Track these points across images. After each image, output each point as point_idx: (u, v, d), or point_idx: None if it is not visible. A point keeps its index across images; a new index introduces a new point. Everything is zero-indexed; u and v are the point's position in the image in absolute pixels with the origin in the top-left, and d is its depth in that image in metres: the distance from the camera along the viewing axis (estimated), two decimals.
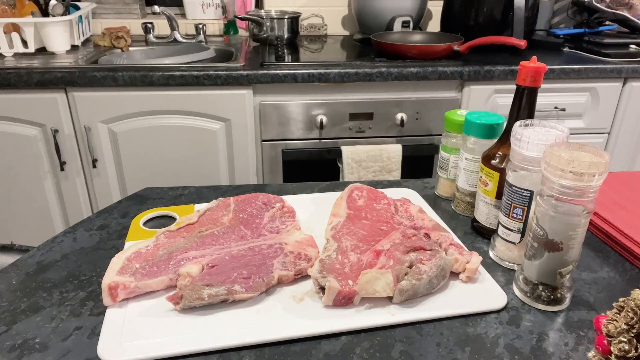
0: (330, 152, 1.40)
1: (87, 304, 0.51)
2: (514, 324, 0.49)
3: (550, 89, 1.46)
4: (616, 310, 0.41)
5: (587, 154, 0.46)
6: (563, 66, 1.43)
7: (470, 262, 0.54)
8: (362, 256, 0.55)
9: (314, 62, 0.79)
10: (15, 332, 0.47)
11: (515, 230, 0.56)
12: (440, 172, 0.75)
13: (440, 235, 0.59)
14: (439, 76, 1.38)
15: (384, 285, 0.50)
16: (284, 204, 0.67)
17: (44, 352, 0.45)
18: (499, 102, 1.45)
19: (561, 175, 0.45)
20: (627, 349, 0.39)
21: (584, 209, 0.47)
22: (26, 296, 0.52)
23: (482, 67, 1.39)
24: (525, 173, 0.53)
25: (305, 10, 1.84)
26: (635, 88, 1.49)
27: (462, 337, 0.47)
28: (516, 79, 0.57)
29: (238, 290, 0.50)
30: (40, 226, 1.49)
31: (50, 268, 0.57)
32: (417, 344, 0.46)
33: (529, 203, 0.54)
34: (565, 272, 0.50)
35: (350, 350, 0.45)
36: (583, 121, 1.52)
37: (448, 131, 0.72)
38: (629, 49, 1.57)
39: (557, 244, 0.48)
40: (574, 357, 0.45)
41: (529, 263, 0.51)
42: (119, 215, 0.69)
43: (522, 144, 0.52)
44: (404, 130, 1.43)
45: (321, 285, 0.50)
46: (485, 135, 0.64)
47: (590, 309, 0.51)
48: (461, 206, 0.70)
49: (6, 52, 1.48)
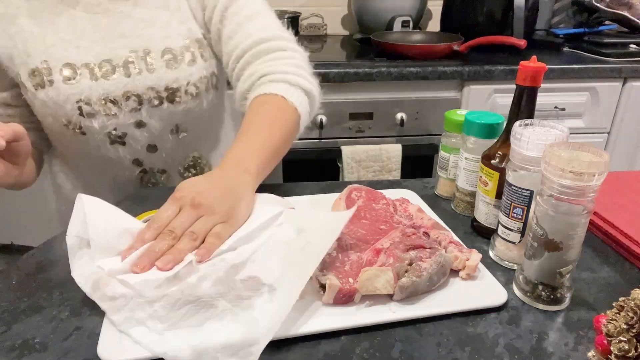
0: (330, 152, 1.40)
1: (87, 303, 0.51)
2: (513, 323, 0.49)
3: (550, 88, 1.46)
4: (616, 310, 0.41)
5: (586, 154, 0.46)
6: (563, 66, 1.43)
7: (470, 260, 0.54)
8: (362, 254, 0.55)
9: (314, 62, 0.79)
10: (15, 332, 0.47)
11: (515, 230, 0.56)
12: (440, 172, 0.75)
13: (440, 233, 0.60)
14: (439, 76, 1.38)
15: (385, 282, 0.50)
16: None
17: (44, 352, 0.45)
18: (499, 102, 1.45)
19: (561, 175, 0.45)
20: (627, 348, 0.39)
21: (584, 209, 0.47)
22: (26, 296, 0.52)
23: (482, 66, 1.39)
24: (525, 173, 0.53)
25: (305, 10, 1.84)
26: (635, 88, 1.49)
27: (462, 336, 0.47)
28: (516, 79, 0.57)
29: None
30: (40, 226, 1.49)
31: (50, 268, 0.57)
32: (417, 343, 0.46)
33: (528, 203, 0.54)
34: (565, 272, 0.50)
35: (350, 349, 0.45)
36: (583, 121, 1.52)
37: (448, 131, 0.72)
38: (629, 49, 1.57)
39: (557, 244, 0.48)
40: (574, 356, 0.45)
41: (528, 263, 0.51)
42: None
43: (522, 144, 0.52)
44: (404, 130, 1.43)
45: (321, 283, 0.50)
46: (485, 135, 0.64)
47: (590, 308, 0.51)
48: (461, 206, 0.70)
49: None
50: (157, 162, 0.85)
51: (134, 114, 0.78)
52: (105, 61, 0.76)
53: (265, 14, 0.82)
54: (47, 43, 0.74)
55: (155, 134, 0.81)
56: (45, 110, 0.76)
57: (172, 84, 0.78)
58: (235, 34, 0.80)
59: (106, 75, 0.75)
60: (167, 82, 0.78)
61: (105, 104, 0.75)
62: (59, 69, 0.74)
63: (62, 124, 0.76)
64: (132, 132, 0.79)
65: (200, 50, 0.81)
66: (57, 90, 0.74)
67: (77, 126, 0.76)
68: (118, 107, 0.76)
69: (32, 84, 0.74)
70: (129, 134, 0.79)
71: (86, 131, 0.77)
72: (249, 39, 0.79)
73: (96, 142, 0.79)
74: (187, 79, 0.79)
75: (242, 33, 0.80)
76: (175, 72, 0.78)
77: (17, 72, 0.75)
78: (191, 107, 0.82)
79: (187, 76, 0.79)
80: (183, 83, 0.79)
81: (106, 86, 0.75)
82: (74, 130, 0.77)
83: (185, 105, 0.81)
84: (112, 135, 0.78)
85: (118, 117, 0.77)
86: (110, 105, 0.76)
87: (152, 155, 0.83)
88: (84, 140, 0.78)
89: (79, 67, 0.74)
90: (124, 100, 0.76)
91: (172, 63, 0.78)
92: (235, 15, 0.80)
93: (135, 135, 0.80)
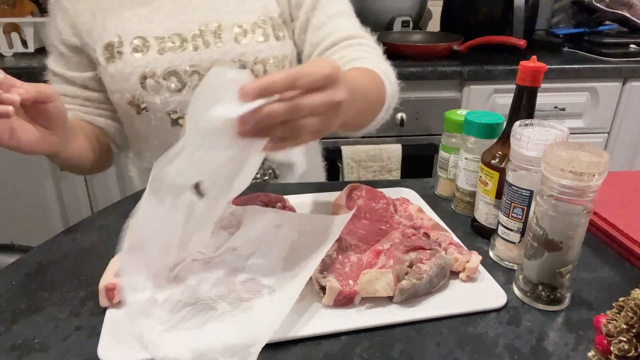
0: (330, 151, 1.40)
1: (87, 303, 0.51)
2: (513, 323, 0.49)
3: (550, 88, 1.46)
4: (616, 310, 0.41)
5: (586, 154, 0.46)
6: (563, 66, 1.43)
7: (470, 262, 0.54)
8: (362, 256, 0.55)
9: None
10: (15, 332, 0.47)
11: (515, 230, 0.56)
12: (440, 172, 0.75)
13: (440, 234, 0.59)
14: (439, 76, 1.38)
15: (385, 285, 0.50)
16: (286, 203, 0.67)
17: (44, 352, 0.45)
18: (499, 101, 1.45)
19: (561, 175, 0.45)
20: (627, 348, 0.39)
21: (584, 209, 0.47)
22: (26, 296, 0.52)
23: (482, 66, 1.39)
24: (525, 173, 0.53)
25: None
26: (635, 88, 1.49)
27: (462, 336, 0.47)
28: (516, 79, 0.57)
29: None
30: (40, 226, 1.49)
31: (50, 268, 0.57)
32: (417, 343, 0.46)
33: (528, 203, 0.54)
34: (565, 272, 0.50)
35: (350, 350, 0.45)
36: (583, 121, 1.52)
37: (448, 131, 0.72)
38: (629, 49, 1.57)
39: (557, 244, 0.48)
40: (574, 356, 0.45)
41: (528, 263, 0.51)
42: (119, 215, 0.69)
43: (522, 144, 0.52)
44: (404, 130, 1.43)
45: (322, 285, 0.50)
46: (485, 135, 0.64)
47: (590, 308, 0.51)
48: (461, 206, 0.70)
49: (6, 52, 1.48)
50: None
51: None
52: (175, 34, 0.76)
53: (352, 15, 0.85)
54: (124, 17, 0.76)
55: None
56: (113, 86, 0.77)
57: (239, 57, 0.77)
58: (325, 25, 0.80)
59: (174, 49, 0.76)
60: (233, 56, 0.77)
61: (169, 78, 0.75)
62: (129, 41, 0.75)
63: (127, 100, 0.77)
64: None
65: (273, 29, 0.80)
66: (125, 62, 0.75)
67: (141, 102, 0.76)
68: (182, 82, 0.76)
69: (104, 57, 0.76)
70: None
71: (149, 109, 0.77)
72: (339, 33, 0.80)
73: (158, 122, 0.78)
74: (255, 54, 0.78)
75: (332, 25, 0.80)
76: (243, 46, 0.77)
77: (93, 47, 0.76)
78: None
79: (255, 52, 0.78)
80: (250, 59, 0.77)
81: (172, 59, 0.75)
82: (138, 107, 0.77)
83: None
84: (172, 115, 0.78)
85: (182, 92, 0.76)
86: (174, 79, 0.76)
87: None
88: (146, 119, 0.78)
89: (149, 40, 0.75)
90: (189, 75, 0.76)
91: (241, 37, 0.77)
92: (327, 8, 0.81)
93: None
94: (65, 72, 0.81)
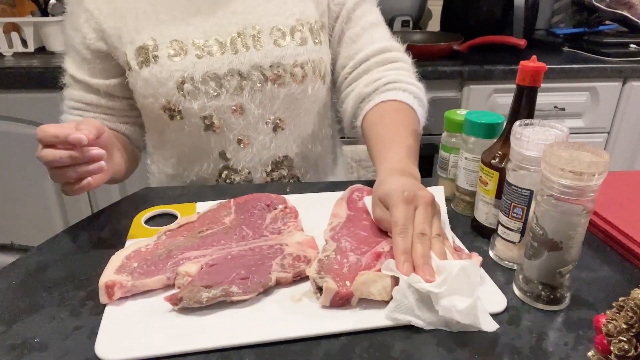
0: None
1: (87, 303, 0.51)
2: (513, 323, 0.49)
3: (550, 88, 1.46)
4: (616, 310, 0.41)
5: (586, 154, 0.46)
6: (563, 66, 1.43)
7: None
8: (362, 257, 0.55)
9: None
10: (15, 331, 0.47)
11: (515, 230, 0.56)
12: (440, 172, 0.75)
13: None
14: (439, 76, 1.38)
15: (380, 289, 0.49)
16: (287, 204, 0.67)
17: (44, 351, 0.45)
18: (499, 101, 1.45)
19: (561, 174, 0.45)
20: (627, 348, 0.39)
21: (584, 209, 0.47)
22: (26, 296, 0.52)
23: (481, 66, 1.39)
24: (525, 172, 0.53)
25: None
26: (635, 88, 1.49)
27: (462, 336, 0.47)
28: (516, 79, 0.57)
29: (235, 292, 0.50)
30: (40, 226, 1.49)
31: (50, 268, 0.57)
32: (417, 343, 0.46)
33: (528, 202, 0.54)
34: (565, 272, 0.50)
35: (350, 349, 0.45)
36: (583, 121, 1.52)
37: (448, 131, 0.72)
38: (629, 49, 1.57)
39: (557, 244, 0.48)
40: (574, 356, 0.45)
41: (528, 262, 0.51)
42: (119, 215, 0.69)
43: (522, 144, 0.52)
44: None
45: (319, 286, 0.50)
46: (485, 135, 0.64)
47: (590, 308, 0.51)
48: (461, 206, 0.70)
49: (6, 51, 1.48)
50: (243, 158, 0.82)
51: (235, 97, 0.76)
52: (213, 38, 0.75)
53: (384, 24, 0.88)
54: (159, 20, 0.75)
55: (251, 122, 0.79)
56: (146, 91, 0.75)
57: (279, 61, 0.77)
58: (359, 38, 0.83)
59: (212, 53, 0.75)
60: (272, 59, 0.76)
61: (208, 82, 0.75)
62: (165, 45, 0.74)
63: (161, 105, 0.75)
64: (229, 118, 0.78)
65: (311, 33, 0.80)
66: (161, 67, 0.73)
67: (177, 108, 0.76)
68: (220, 86, 0.75)
69: (137, 61, 0.74)
70: (225, 121, 0.78)
71: (184, 114, 0.76)
72: (373, 46, 0.83)
73: (191, 128, 0.77)
74: (294, 57, 0.77)
75: (367, 38, 0.83)
76: (282, 49, 0.77)
77: (124, 51, 0.75)
78: (294, 93, 0.79)
79: (294, 55, 0.77)
80: (289, 62, 0.77)
81: (211, 62, 0.74)
82: (172, 112, 0.76)
83: (290, 88, 0.79)
84: (207, 121, 0.77)
85: (220, 97, 0.76)
86: (212, 84, 0.75)
87: (241, 150, 0.81)
88: (179, 126, 0.77)
89: (186, 44, 0.74)
90: (227, 79, 0.75)
91: (280, 40, 0.77)
92: (361, 20, 0.83)
93: (231, 123, 0.78)
94: (89, 80, 0.79)
